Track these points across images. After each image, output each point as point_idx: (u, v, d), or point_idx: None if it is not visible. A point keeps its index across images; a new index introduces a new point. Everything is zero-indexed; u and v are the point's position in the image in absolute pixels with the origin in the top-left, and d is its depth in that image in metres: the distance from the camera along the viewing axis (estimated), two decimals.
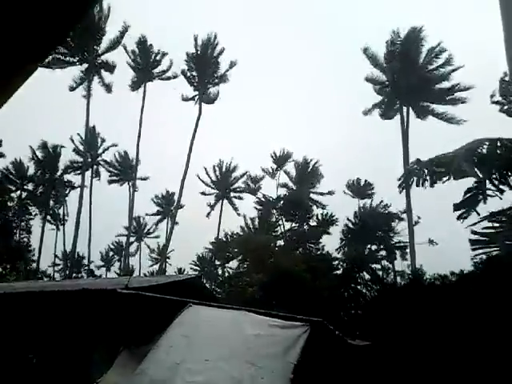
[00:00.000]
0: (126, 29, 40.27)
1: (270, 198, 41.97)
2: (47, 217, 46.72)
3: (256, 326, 6.73)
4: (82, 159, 45.65)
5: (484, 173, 12.69)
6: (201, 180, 51.52)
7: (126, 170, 50.28)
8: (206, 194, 52.23)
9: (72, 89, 41.32)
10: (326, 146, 63.82)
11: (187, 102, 43.73)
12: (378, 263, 28.53)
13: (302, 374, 6.20)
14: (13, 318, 8.42)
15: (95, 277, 39.72)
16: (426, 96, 35.75)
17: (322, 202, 44.41)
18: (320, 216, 38.85)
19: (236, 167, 51.38)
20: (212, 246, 45.49)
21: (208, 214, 51.08)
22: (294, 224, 37.92)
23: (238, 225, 41.51)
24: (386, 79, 36.88)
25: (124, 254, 49.68)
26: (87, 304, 8.21)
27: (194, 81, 43.20)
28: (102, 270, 61.10)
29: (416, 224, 33.62)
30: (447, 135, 33.11)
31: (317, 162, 45.73)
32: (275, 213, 38.17)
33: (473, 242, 12.71)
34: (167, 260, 52.27)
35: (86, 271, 45.20)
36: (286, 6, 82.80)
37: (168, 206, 56.71)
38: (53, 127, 62.26)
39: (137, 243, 61.29)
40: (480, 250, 12.98)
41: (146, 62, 42.45)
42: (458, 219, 13.04)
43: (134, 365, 6.88)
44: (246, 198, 50.37)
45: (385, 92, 37.35)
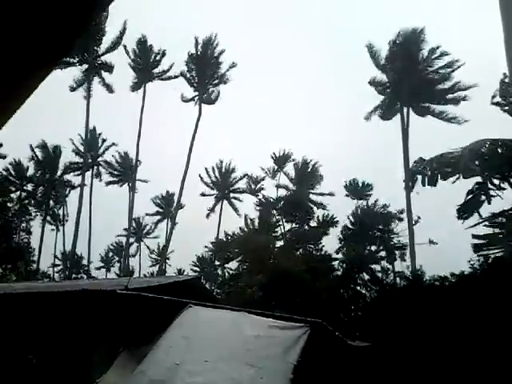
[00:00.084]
0: (125, 29, 40.38)
1: (270, 199, 41.97)
2: (47, 217, 46.73)
3: (256, 327, 6.73)
4: (82, 160, 45.69)
5: (487, 172, 12.67)
6: (202, 180, 51.53)
7: (126, 171, 50.26)
8: (205, 194, 52.24)
9: (73, 89, 41.40)
10: (326, 147, 63.67)
11: (187, 102, 43.82)
12: (378, 263, 28.51)
13: (301, 375, 6.20)
14: (12, 318, 8.41)
15: (93, 278, 39.70)
16: (427, 96, 35.77)
17: (322, 203, 44.39)
18: (321, 217, 38.88)
19: (235, 168, 51.46)
20: (212, 246, 45.48)
21: (208, 214, 51.11)
22: (294, 225, 37.89)
23: (238, 225, 41.50)
24: (387, 80, 36.88)
25: (124, 254, 49.68)
26: (87, 305, 8.20)
27: (193, 81, 43.22)
28: (102, 271, 61.11)
29: (416, 223, 33.59)
30: (447, 134, 33.23)
31: (316, 162, 45.79)
32: (275, 213, 38.14)
33: (475, 246, 12.70)
34: (167, 261, 52.29)
35: (84, 272, 45.17)
36: (286, 6, 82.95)
37: (168, 206, 56.67)
38: (53, 127, 62.11)
39: (136, 244, 61.28)
40: (483, 252, 12.96)
41: (146, 62, 42.48)
42: (459, 219, 13.02)
43: (134, 365, 6.88)
44: (246, 199, 50.38)
45: (386, 92, 37.35)
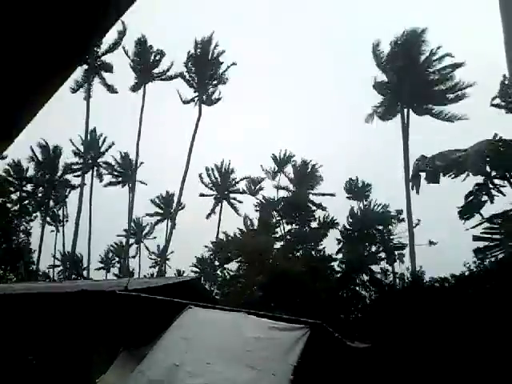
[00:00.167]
0: (125, 30, 40.40)
1: (270, 200, 41.94)
2: (47, 218, 46.70)
3: (256, 329, 6.72)
4: (81, 160, 45.66)
5: (491, 171, 12.68)
6: (202, 182, 51.56)
7: (126, 172, 50.22)
8: (205, 195, 52.24)
9: (74, 91, 41.40)
10: (327, 147, 63.85)
11: (188, 104, 43.78)
12: (378, 264, 28.48)
13: (301, 376, 6.19)
14: (12, 319, 8.40)
15: (91, 280, 39.67)
16: (427, 97, 35.76)
17: (321, 204, 44.26)
18: (321, 218, 38.83)
19: (234, 169, 51.51)
20: (213, 246, 45.44)
21: (208, 215, 51.10)
22: (294, 226, 37.85)
23: (238, 226, 41.47)
24: (388, 80, 36.85)
25: (123, 255, 49.66)
26: (87, 305, 8.19)
27: (193, 82, 43.20)
28: (102, 272, 61.06)
29: (416, 226, 33.57)
30: (446, 134, 33.30)
31: (316, 163, 45.75)
32: (275, 214, 38.11)
33: (475, 250, 12.68)
34: (167, 262, 52.28)
35: (81, 275, 45.14)
36: (286, 6, 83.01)
37: (168, 207, 56.65)
38: (53, 127, 62.09)
39: (136, 245, 61.23)
40: (484, 253, 12.94)
41: (146, 62, 42.48)
42: (461, 219, 13.01)
43: (133, 366, 6.88)
44: (246, 200, 50.37)
45: (386, 92, 37.31)
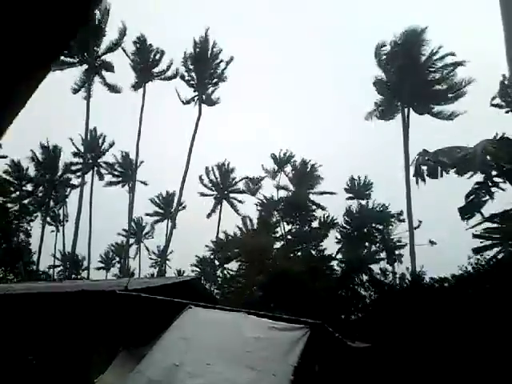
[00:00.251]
0: (125, 31, 40.38)
1: (270, 199, 41.93)
2: (47, 218, 46.67)
3: (256, 329, 6.70)
4: (81, 160, 45.64)
5: (492, 170, 12.72)
6: (201, 183, 51.60)
7: (126, 172, 50.21)
8: (205, 194, 52.26)
9: (75, 91, 41.35)
10: (327, 148, 63.94)
11: (188, 104, 43.73)
12: (377, 263, 28.45)
13: (302, 377, 6.19)
14: (12, 319, 8.39)
15: (90, 280, 39.64)
16: (427, 96, 35.74)
17: (321, 204, 44.22)
18: (321, 218, 38.82)
19: (234, 168, 51.52)
20: (213, 245, 45.45)
21: (209, 215, 51.13)
22: (294, 225, 37.84)
23: (238, 225, 41.50)
24: (388, 79, 36.80)
25: (123, 255, 49.65)
26: (87, 305, 8.18)
27: (192, 82, 43.15)
28: (102, 272, 61.10)
29: (417, 228, 33.57)
30: (446, 133, 33.26)
31: (315, 163, 45.73)
32: (276, 214, 38.12)
33: (474, 249, 12.69)
34: (167, 261, 52.28)
35: (79, 275, 45.10)
36: (286, 6, 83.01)
37: (168, 207, 56.67)
38: (54, 128, 62.28)
39: (136, 245, 61.24)
40: (483, 251, 12.96)
41: (146, 62, 42.45)
42: (463, 220, 13.05)
43: (132, 365, 6.86)
44: (247, 200, 50.37)
45: (386, 92, 37.28)
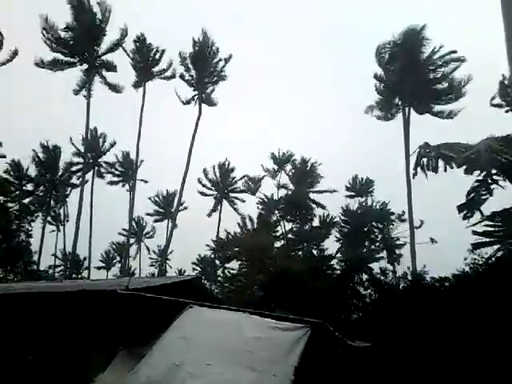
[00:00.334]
0: (126, 31, 40.33)
1: (270, 198, 41.92)
2: (48, 217, 46.68)
3: (256, 329, 6.68)
4: (82, 160, 45.62)
5: (493, 169, 12.70)
6: (201, 183, 51.68)
7: (127, 171, 50.20)
8: (205, 194, 52.30)
9: (76, 92, 41.31)
10: (327, 147, 63.91)
11: (188, 104, 43.67)
12: (377, 261, 28.44)
13: (302, 376, 6.18)
14: (12, 319, 8.39)
15: (90, 280, 39.62)
16: (428, 95, 35.71)
17: (321, 203, 44.12)
18: (322, 217, 38.83)
19: (235, 168, 51.54)
20: (214, 245, 45.47)
21: (209, 214, 51.20)
22: (294, 224, 37.84)
23: (238, 223, 41.46)
24: (388, 79, 36.77)
25: (124, 255, 49.65)
26: (87, 305, 8.18)
27: (192, 81, 43.10)
28: (103, 272, 61.15)
29: (419, 228, 33.56)
30: (446, 133, 33.20)
31: (315, 161, 45.70)
32: (276, 213, 38.12)
33: (474, 245, 12.69)
34: (167, 261, 52.30)
35: (79, 274, 45.08)
36: (286, 6, 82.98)
37: (168, 206, 56.72)
38: (54, 128, 62.28)
39: (137, 245, 61.26)
40: (482, 247, 12.96)
41: (146, 60, 42.41)
42: (464, 219, 13.05)
43: (132, 365, 6.84)
44: (247, 199, 50.40)
45: (386, 91, 37.25)
